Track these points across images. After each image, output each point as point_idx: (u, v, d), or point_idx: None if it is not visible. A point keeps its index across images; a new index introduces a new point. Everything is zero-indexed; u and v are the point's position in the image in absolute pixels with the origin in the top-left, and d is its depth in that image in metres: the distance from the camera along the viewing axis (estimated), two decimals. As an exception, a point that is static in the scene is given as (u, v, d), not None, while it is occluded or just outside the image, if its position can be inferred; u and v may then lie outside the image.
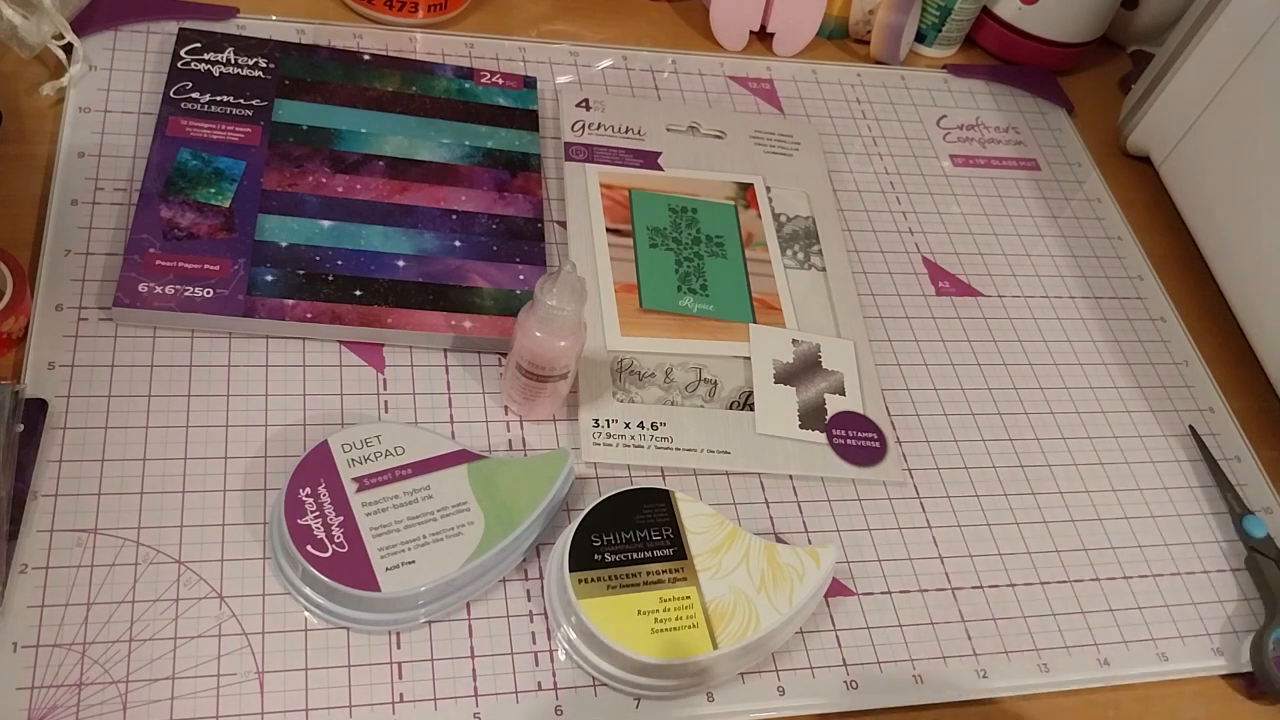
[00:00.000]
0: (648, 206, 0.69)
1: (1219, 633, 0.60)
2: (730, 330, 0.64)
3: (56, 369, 0.55)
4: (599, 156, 0.71)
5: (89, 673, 0.47)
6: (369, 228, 0.62)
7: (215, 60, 0.68)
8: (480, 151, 0.68)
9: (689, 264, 0.67)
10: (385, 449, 0.53)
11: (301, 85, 0.68)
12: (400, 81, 0.70)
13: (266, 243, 0.60)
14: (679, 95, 0.78)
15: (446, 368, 0.60)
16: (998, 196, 0.79)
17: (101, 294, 0.58)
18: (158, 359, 0.56)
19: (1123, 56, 0.95)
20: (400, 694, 0.49)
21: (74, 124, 0.64)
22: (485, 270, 0.63)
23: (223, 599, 0.50)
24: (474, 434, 0.58)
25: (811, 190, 0.74)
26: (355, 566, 0.49)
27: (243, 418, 0.55)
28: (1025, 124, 0.85)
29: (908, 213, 0.76)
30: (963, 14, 0.85)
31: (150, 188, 0.61)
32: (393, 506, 0.51)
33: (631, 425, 0.59)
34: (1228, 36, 0.73)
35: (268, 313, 0.58)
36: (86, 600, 0.48)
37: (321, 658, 0.49)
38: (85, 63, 0.67)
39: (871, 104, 0.83)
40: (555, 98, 0.75)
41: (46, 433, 0.52)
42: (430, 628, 0.51)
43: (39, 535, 0.50)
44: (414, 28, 0.76)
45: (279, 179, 0.63)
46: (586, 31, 0.81)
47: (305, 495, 0.50)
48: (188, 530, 0.51)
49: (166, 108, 0.64)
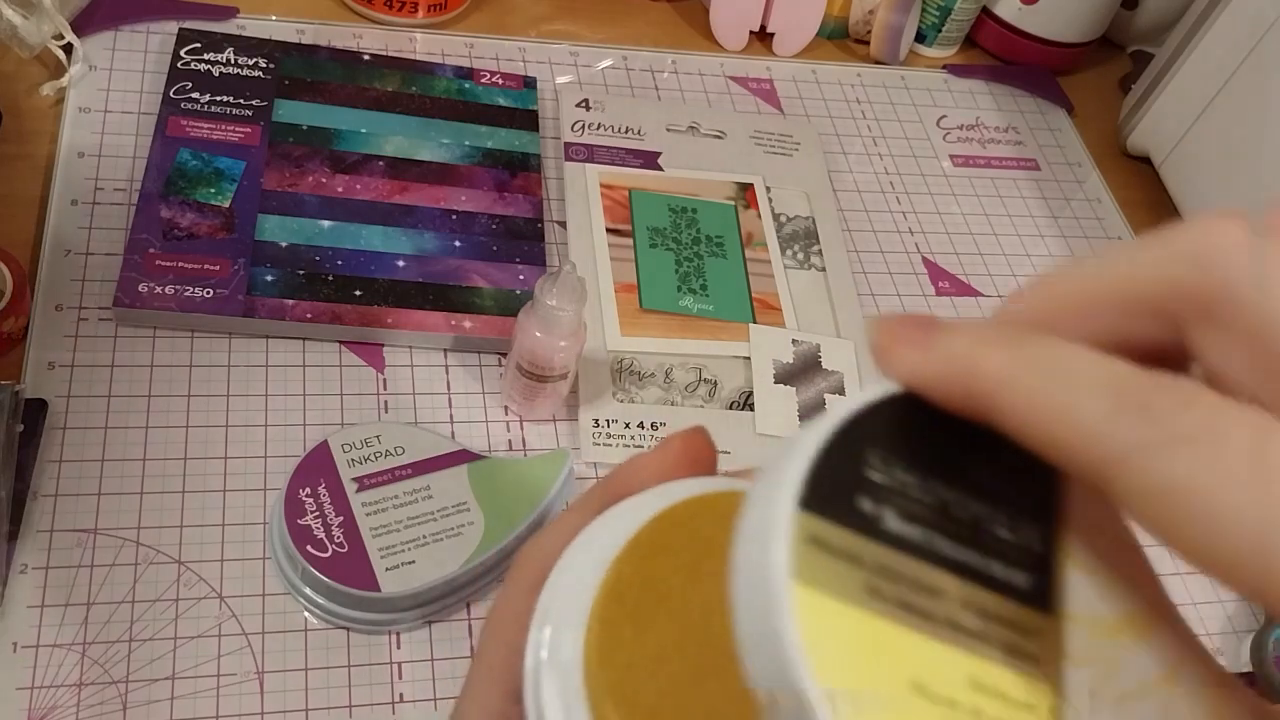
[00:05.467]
0: (648, 206, 0.69)
1: (1219, 633, 0.60)
2: (730, 330, 0.64)
3: (56, 369, 0.55)
4: (599, 156, 0.71)
5: (89, 673, 0.47)
6: (369, 228, 0.62)
7: (215, 60, 0.68)
8: (480, 151, 0.68)
9: (689, 264, 0.67)
10: (385, 449, 0.53)
11: (301, 85, 0.68)
12: (400, 81, 0.70)
13: (266, 243, 0.60)
14: (679, 95, 0.78)
15: (446, 368, 0.60)
16: (998, 196, 0.79)
17: (101, 294, 0.58)
18: (158, 359, 0.56)
19: (1123, 56, 0.95)
20: (400, 694, 0.49)
21: (74, 124, 0.64)
22: (485, 270, 0.63)
23: (223, 599, 0.50)
24: (474, 434, 0.58)
25: (811, 190, 0.74)
26: (355, 566, 0.49)
27: (243, 418, 0.55)
28: (1025, 124, 0.85)
29: (908, 213, 0.76)
30: (963, 14, 0.85)
31: (150, 188, 0.61)
32: (393, 506, 0.51)
33: (631, 425, 0.59)
34: (1228, 36, 0.73)
35: (268, 313, 0.58)
36: (86, 600, 0.48)
37: (321, 658, 0.49)
38: (85, 63, 0.67)
39: (871, 104, 0.83)
40: (555, 98, 0.75)
41: (46, 433, 0.52)
42: (430, 628, 0.51)
43: (39, 535, 0.50)
44: (414, 28, 0.76)
45: (279, 179, 0.63)
46: (586, 31, 0.81)
47: (305, 495, 0.50)
48: (188, 530, 0.51)
49: (166, 108, 0.64)
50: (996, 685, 0.18)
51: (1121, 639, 0.19)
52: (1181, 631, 0.19)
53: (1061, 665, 0.18)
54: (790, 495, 0.17)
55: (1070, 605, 0.19)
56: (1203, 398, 0.16)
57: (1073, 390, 0.16)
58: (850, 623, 0.17)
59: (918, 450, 0.18)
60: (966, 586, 0.18)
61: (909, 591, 0.17)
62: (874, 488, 0.18)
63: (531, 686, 0.21)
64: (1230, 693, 0.19)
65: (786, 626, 0.16)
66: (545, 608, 0.22)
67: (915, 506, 0.18)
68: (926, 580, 0.18)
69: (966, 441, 0.19)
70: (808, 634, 0.16)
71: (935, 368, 0.18)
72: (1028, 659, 0.18)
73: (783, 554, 0.16)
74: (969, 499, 0.19)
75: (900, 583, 0.17)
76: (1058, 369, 0.17)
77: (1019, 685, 0.18)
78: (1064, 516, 0.19)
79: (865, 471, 0.18)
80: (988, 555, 0.18)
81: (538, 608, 0.22)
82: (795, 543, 0.17)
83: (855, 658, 0.16)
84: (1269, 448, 0.15)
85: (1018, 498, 0.19)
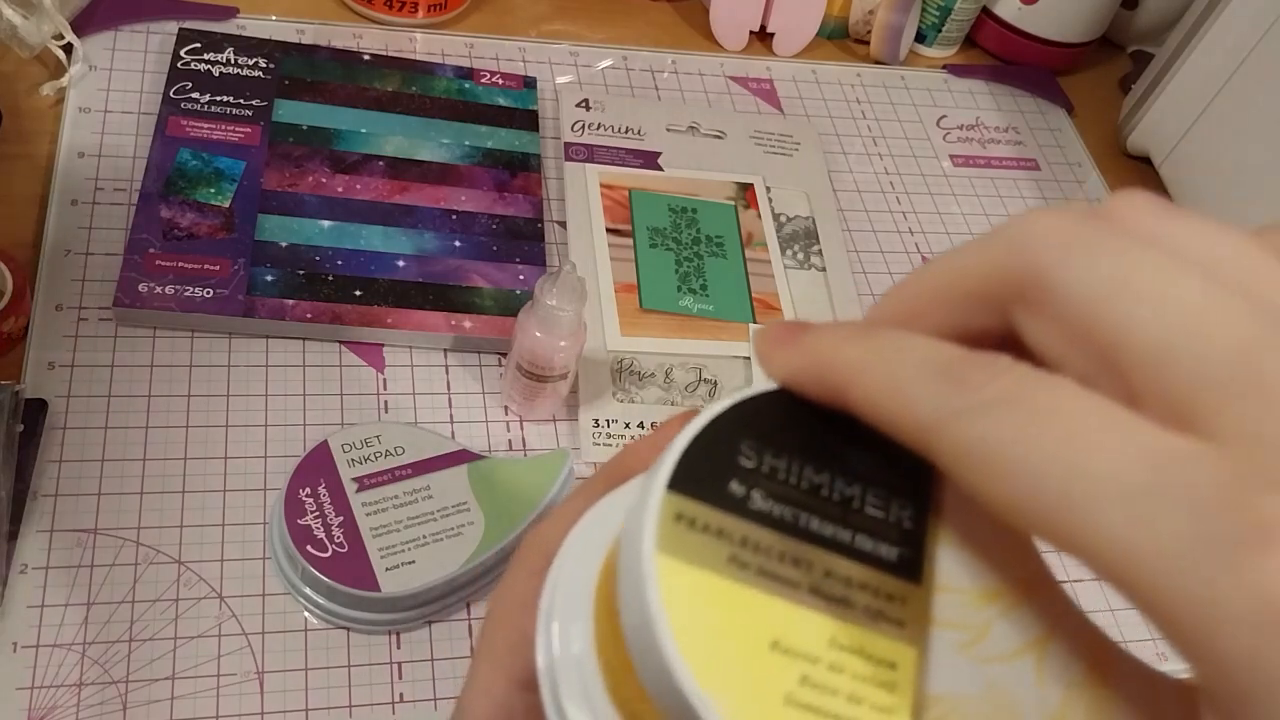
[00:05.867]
0: (648, 206, 0.69)
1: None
2: (730, 330, 0.64)
3: (56, 369, 0.55)
4: (599, 156, 0.71)
5: (89, 673, 0.47)
6: (369, 228, 0.62)
7: (215, 60, 0.68)
8: (480, 151, 0.68)
9: (689, 264, 0.67)
10: (385, 449, 0.53)
11: (301, 85, 0.68)
12: (400, 81, 0.70)
13: (266, 243, 0.60)
14: (679, 95, 0.78)
15: (446, 368, 0.60)
16: (998, 196, 0.79)
17: (101, 294, 0.58)
18: (158, 359, 0.56)
19: (1123, 56, 0.95)
20: (400, 694, 0.49)
21: (74, 124, 0.64)
22: (485, 270, 0.63)
23: (223, 599, 0.50)
24: (474, 434, 0.58)
25: (811, 190, 0.74)
26: (355, 566, 0.49)
27: (243, 418, 0.55)
28: (1025, 124, 0.85)
29: (908, 213, 0.76)
30: (963, 14, 0.85)
31: (150, 188, 0.61)
32: (393, 506, 0.51)
33: (631, 425, 0.59)
34: (1228, 36, 0.73)
35: (268, 313, 0.58)
36: (86, 600, 0.48)
37: (321, 658, 0.49)
38: (85, 63, 0.67)
39: (871, 104, 0.83)
40: (555, 98, 0.75)
41: (46, 433, 0.52)
42: (430, 628, 0.51)
43: (39, 535, 0.50)
44: (414, 28, 0.76)
45: (279, 179, 0.63)
46: (586, 31, 0.81)
47: (305, 495, 0.50)
48: (188, 530, 0.51)
49: (166, 108, 0.64)
50: (858, 644, 0.19)
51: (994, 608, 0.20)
52: (1058, 601, 0.20)
53: (928, 629, 0.20)
54: (663, 478, 0.19)
55: (941, 578, 0.20)
56: (1012, 369, 0.17)
57: (902, 371, 0.18)
58: (711, 588, 0.19)
59: (793, 439, 0.20)
60: (832, 558, 0.20)
61: (772, 562, 0.19)
62: (745, 472, 0.20)
63: (549, 686, 0.21)
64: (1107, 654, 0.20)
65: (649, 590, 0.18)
66: (551, 600, 0.22)
67: (784, 488, 0.20)
68: (792, 552, 0.19)
69: (847, 433, 0.20)
70: (668, 596, 0.18)
71: (799, 362, 0.20)
72: (893, 623, 0.19)
73: (651, 527, 0.19)
74: (842, 482, 0.20)
75: (764, 554, 0.19)
76: (894, 356, 0.19)
77: (881, 644, 0.19)
78: (940, 498, 0.21)
79: (737, 458, 0.20)
80: (857, 531, 0.20)
81: (542, 601, 0.22)
82: (663, 519, 0.19)
83: (714, 618, 0.18)
84: (1064, 407, 0.17)
85: (893, 481, 0.21)
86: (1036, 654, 0.20)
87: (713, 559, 0.19)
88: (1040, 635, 0.20)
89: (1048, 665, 0.20)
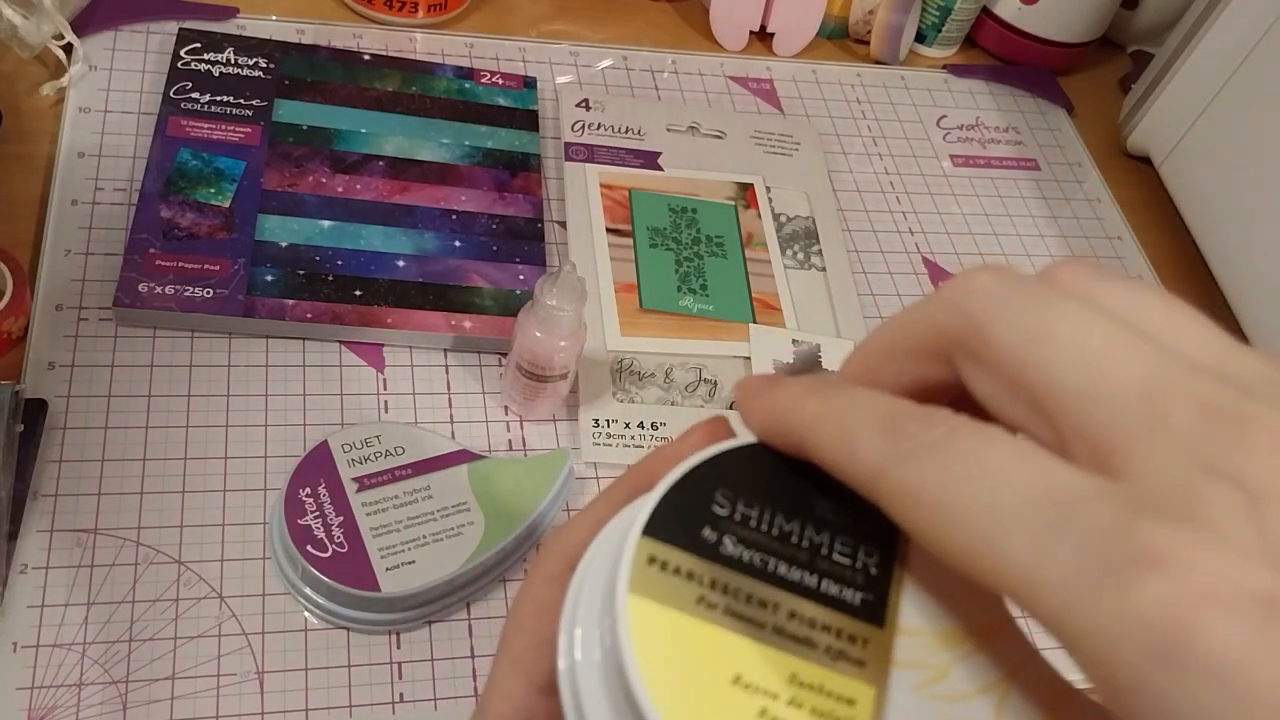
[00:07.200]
0: (648, 206, 0.69)
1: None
2: (730, 330, 0.64)
3: (56, 369, 0.55)
4: (599, 156, 0.71)
5: (89, 673, 0.47)
6: (369, 228, 0.62)
7: (215, 60, 0.68)
8: (480, 151, 0.68)
9: (689, 264, 0.67)
10: (385, 449, 0.53)
11: (301, 85, 0.68)
12: (400, 81, 0.70)
13: (266, 243, 0.60)
14: (679, 95, 0.78)
15: (446, 368, 0.60)
16: (998, 196, 0.79)
17: (101, 294, 0.58)
18: (158, 359, 0.56)
19: (1123, 56, 0.95)
20: (400, 694, 0.49)
21: (74, 124, 0.64)
22: (485, 270, 0.63)
23: (223, 599, 0.50)
24: (474, 434, 0.58)
25: (811, 190, 0.74)
26: (355, 566, 0.49)
27: (243, 418, 0.55)
28: (1025, 124, 0.85)
29: (908, 213, 0.76)
30: (963, 14, 0.85)
31: (150, 188, 0.61)
32: (393, 506, 0.51)
33: (631, 425, 0.59)
34: (1228, 36, 0.73)
35: (268, 313, 0.58)
36: (86, 600, 0.48)
37: (321, 658, 0.49)
38: (85, 63, 0.67)
39: (871, 104, 0.83)
40: (555, 98, 0.75)
41: (46, 433, 0.52)
42: (430, 628, 0.51)
43: (39, 535, 0.50)
44: (414, 28, 0.76)
45: (279, 179, 0.63)
46: (586, 31, 0.81)
47: (305, 495, 0.50)
48: (188, 530, 0.51)
49: (166, 108, 0.64)
50: (818, 681, 0.20)
51: (955, 650, 0.21)
52: (1020, 645, 0.22)
53: (889, 669, 0.21)
54: (639, 524, 0.21)
55: (904, 621, 0.22)
56: (947, 420, 0.19)
57: (852, 423, 0.20)
58: (678, 626, 0.20)
59: (766, 489, 0.22)
60: (797, 600, 0.21)
61: (739, 603, 0.21)
62: (717, 519, 0.22)
63: (569, 691, 0.21)
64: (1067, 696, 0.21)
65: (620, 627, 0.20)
66: (573, 606, 0.22)
67: (754, 535, 0.22)
68: (758, 594, 0.21)
69: (821, 485, 0.22)
70: (636, 633, 0.20)
71: (768, 414, 0.22)
72: (853, 663, 0.21)
73: (625, 569, 0.20)
74: (812, 530, 0.22)
75: (731, 595, 0.21)
76: (845, 409, 0.20)
77: (840, 682, 0.20)
78: (906, 546, 0.22)
79: (711, 506, 0.22)
80: (823, 576, 0.22)
81: (565, 606, 0.22)
82: (636, 562, 0.20)
83: (679, 653, 0.20)
84: (983, 451, 0.18)
85: (861, 530, 0.22)
86: (997, 694, 0.21)
87: (681, 599, 0.20)
88: (1000, 677, 0.21)
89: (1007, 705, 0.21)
